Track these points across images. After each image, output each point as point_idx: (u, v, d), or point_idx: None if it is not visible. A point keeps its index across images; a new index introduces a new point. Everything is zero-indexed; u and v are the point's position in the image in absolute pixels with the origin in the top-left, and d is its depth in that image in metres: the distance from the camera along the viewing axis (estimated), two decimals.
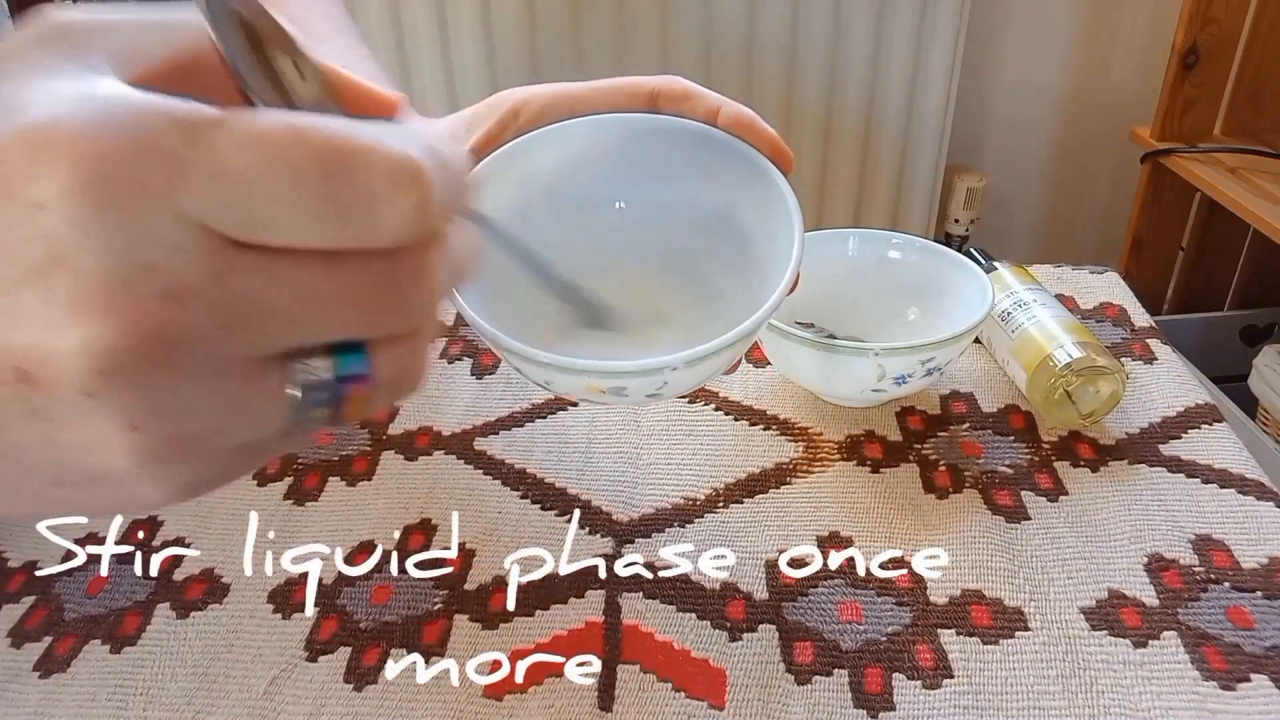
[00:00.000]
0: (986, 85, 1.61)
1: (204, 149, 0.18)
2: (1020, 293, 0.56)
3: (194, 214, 0.18)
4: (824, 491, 0.49)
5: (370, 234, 0.19)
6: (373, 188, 0.19)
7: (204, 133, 0.18)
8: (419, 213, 0.20)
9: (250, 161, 0.18)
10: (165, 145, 0.18)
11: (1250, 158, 1.33)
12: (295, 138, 0.18)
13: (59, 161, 0.17)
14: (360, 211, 0.19)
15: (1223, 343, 1.47)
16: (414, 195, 0.19)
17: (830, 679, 0.39)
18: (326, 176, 0.19)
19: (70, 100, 0.18)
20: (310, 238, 0.19)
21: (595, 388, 0.36)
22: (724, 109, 0.40)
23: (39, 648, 0.42)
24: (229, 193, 0.18)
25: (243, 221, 0.18)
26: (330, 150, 0.19)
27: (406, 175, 0.19)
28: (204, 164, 0.18)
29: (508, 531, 0.47)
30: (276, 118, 0.19)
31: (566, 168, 0.42)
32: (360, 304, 0.20)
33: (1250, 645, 0.40)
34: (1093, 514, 0.47)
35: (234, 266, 0.18)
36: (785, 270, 0.36)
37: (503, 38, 1.42)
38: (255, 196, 0.18)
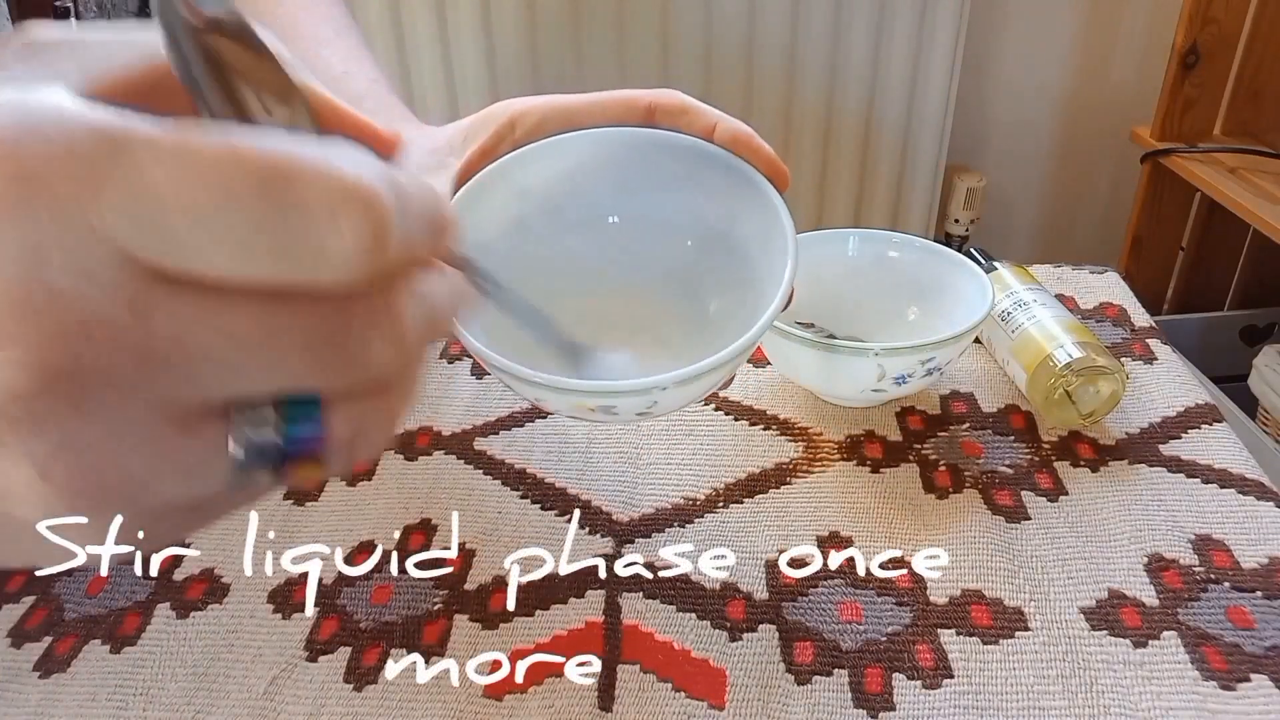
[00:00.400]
0: (986, 85, 1.61)
1: (130, 165, 0.16)
2: (1020, 293, 0.56)
3: (110, 235, 0.16)
4: (824, 491, 0.49)
5: (311, 267, 0.17)
6: (314, 214, 0.16)
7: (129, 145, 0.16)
8: (371, 245, 0.17)
9: (175, 178, 0.16)
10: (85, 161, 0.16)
11: (1250, 158, 1.33)
12: (227, 154, 0.16)
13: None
14: (299, 240, 0.17)
15: (1223, 343, 1.47)
16: (364, 223, 0.17)
17: (830, 679, 0.39)
18: (260, 198, 0.16)
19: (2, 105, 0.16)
20: (243, 269, 0.17)
21: (584, 406, 0.36)
22: (720, 124, 0.40)
23: (39, 648, 0.42)
24: (150, 214, 0.16)
25: (165, 248, 0.16)
26: (266, 168, 0.16)
27: (355, 199, 0.17)
28: (127, 182, 0.16)
29: (508, 531, 0.47)
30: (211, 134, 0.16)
31: (562, 182, 0.42)
32: (305, 353, 0.18)
33: (1250, 645, 0.40)
34: (1093, 514, 0.47)
35: (154, 300, 0.16)
36: (778, 288, 0.36)
37: (503, 38, 1.42)
38: (178, 218, 0.16)
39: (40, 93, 0.17)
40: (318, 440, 0.19)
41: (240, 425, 0.18)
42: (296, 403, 0.18)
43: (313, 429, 0.18)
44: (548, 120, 0.41)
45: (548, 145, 0.41)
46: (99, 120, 0.16)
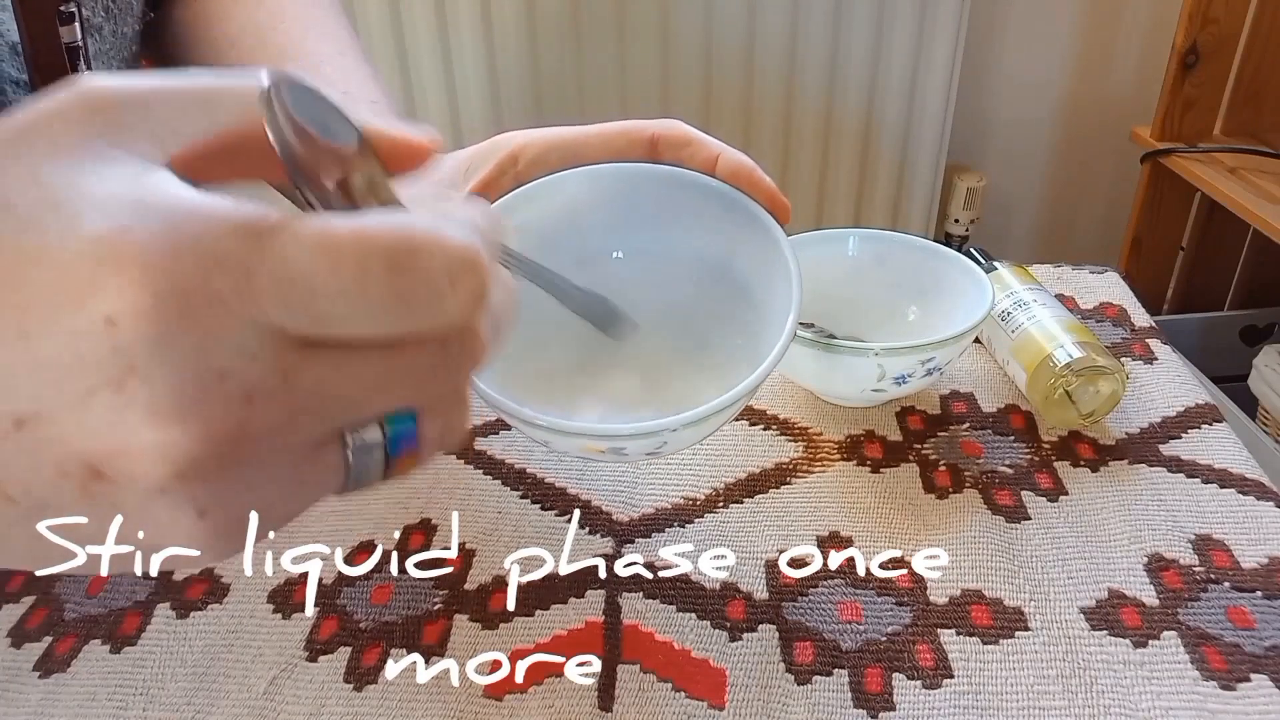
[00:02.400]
0: (986, 85, 1.61)
1: (272, 256, 0.18)
2: (1020, 293, 0.56)
3: (264, 321, 0.18)
4: (824, 491, 0.49)
5: (433, 323, 0.20)
6: (436, 280, 0.19)
7: (270, 240, 0.18)
8: (479, 298, 0.20)
9: (318, 266, 0.18)
10: (234, 256, 0.18)
11: (1250, 158, 1.33)
12: (359, 239, 0.19)
13: (128, 276, 0.17)
14: (424, 304, 0.19)
15: (1223, 343, 1.47)
16: (474, 282, 0.20)
17: (830, 679, 0.39)
18: (392, 273, 0.19)
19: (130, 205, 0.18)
20: (376, 329, 0.19)
21: (593, 448, 0.36)
22: (722, 157, 0.40)
23: (39, 648, 0.42)
24: (298, 298, 0.18)
25: (312, 323, 0.19)
26: (394, 248, 0.19)
27: (467, 264, 0.20)
28: (273, 272, 0.18)
29: (508, 531, 0.47)
30: (337, 220, 0.19)
31: (563, 219, 0.42)
32: (416, 383, 0.21)
33: (1250, 645, 0.40)
34: (1093, 514, 0.47)
35: (301, 364, 0.19)
36: (783, 325, 0.36)
37: (503, 39, 1.42)
38: (323, 298, 0.18)
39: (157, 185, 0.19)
40: (414, 443, 0.22)
41: (352, 443, 0.21)
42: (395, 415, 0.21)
43: (410, 435, 0.22)
44: (550, 153, 0.41)
45: (548, 183, 0.41)
46: (234, 216, 0.18)
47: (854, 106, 1.50)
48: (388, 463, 0.22)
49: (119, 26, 0.50)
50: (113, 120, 0.20)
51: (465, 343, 0.21)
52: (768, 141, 1.49)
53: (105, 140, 0.19)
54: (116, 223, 0.18)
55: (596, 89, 1.47)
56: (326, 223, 0.19)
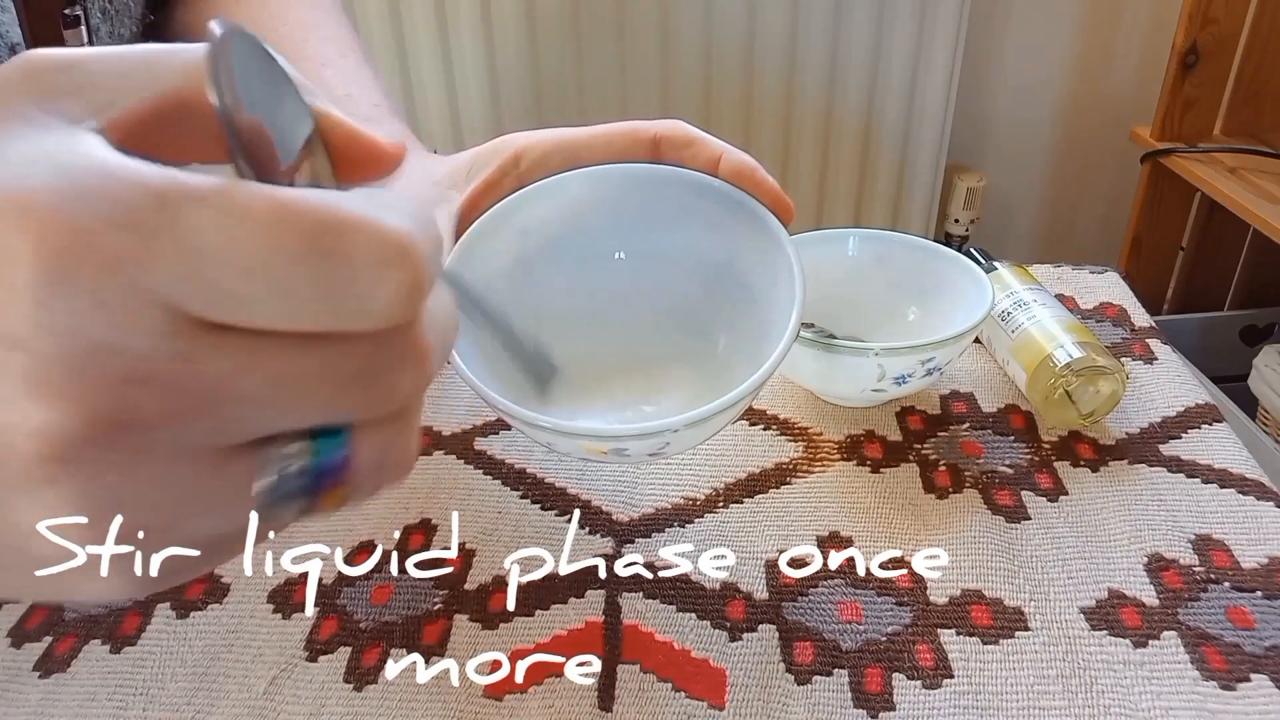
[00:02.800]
0: (986, 85, 1.61)
1: (179, 224, 0.16)
2: (1020, 293, 0.56)
3: (163, 293, 0.16)
4: (824, 491, 0.49)
5: (357, 316, 0.18)
6: (361, 267, 0.17)
7: (181, 207, 0.16)
8: (410, 293, 0.18)
9: (229, 239, 0.16)
10: (134, 217, 0.16)
11: (1250, 158, 1.33)
12: (276, 211, 0.17)
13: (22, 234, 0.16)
14: (347, 293, 0.17)
15: (1223, 343, 1.47)
16: (406, 274, 0.18)
17: (830, 679, 0.39)
18: (310, 254, 0.17)
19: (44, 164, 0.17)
20: (289, 320, 0.17)
21: (596, 449, 0.36)
22: (725, 157, 0.40)
23: (39, 648, 0.42)
24: (202, 272, 0.16)
25: (215, 302, 0.17)
26: (315, 225, 0.17)
27: (397, 253, 0.18)
28: (176, 239, 0.16)
29: (508, 531, 0.47)
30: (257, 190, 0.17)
31: (566, 220, 0.42)
32: (341, 388, 0.18)
33: (1250, 645, 0.40)
34: (1093, 514, 0.47)
35: (201, 349, 0.17)
36: (786, 324, 0.36)
37: (503, 39, 1.42)
38: (230, 276, 0.16)
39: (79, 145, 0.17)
40: (345, 469, 0.19)
41: (270, 459, 0.18)
42: (324, 433, 0.19)
43: (340, 458, 0.19)
44: (551, 155, 0.41)
45: (550, 184, 0.41)
46: (145, 177, 0.17)
47: (854, 106, 1.50)
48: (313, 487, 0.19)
49: (116, 28, 0.50)
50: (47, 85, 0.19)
51: (402, 347, 0.19)
52: (768, 141, 1.49)
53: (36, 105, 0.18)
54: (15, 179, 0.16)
55: (596, 89, 1.47)
56: (242, 189, 0.17)
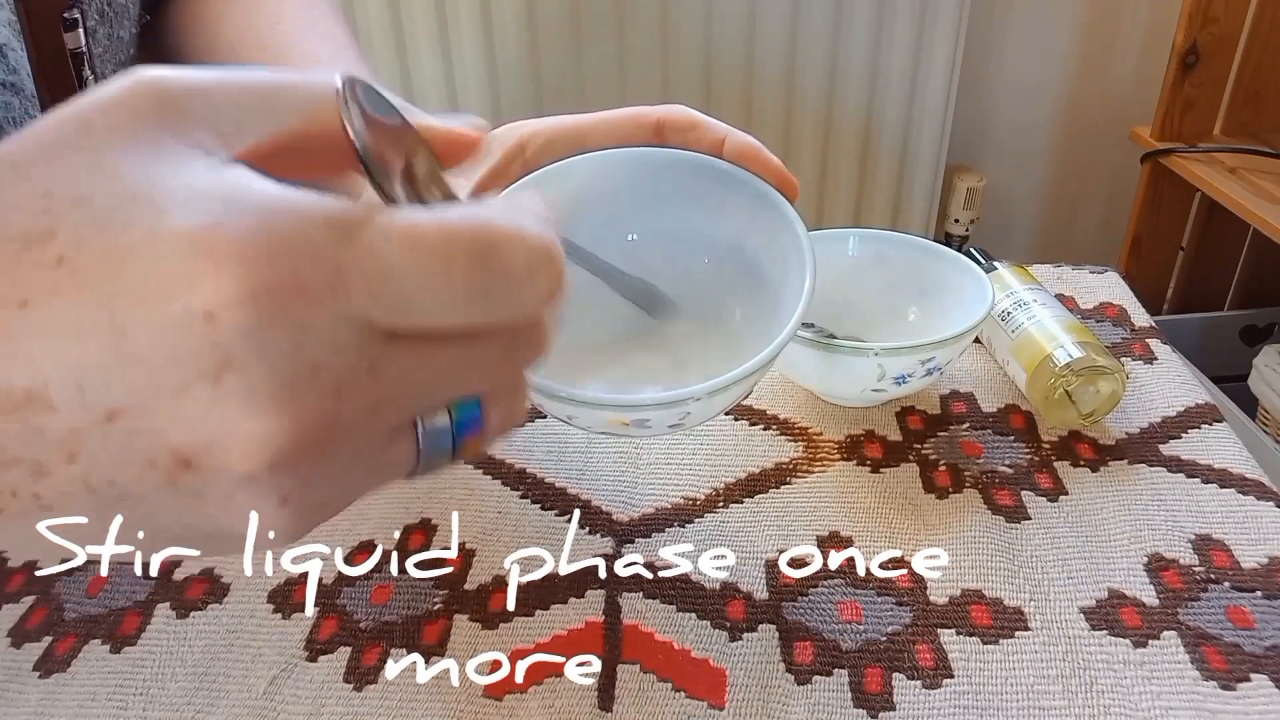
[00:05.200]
0: (986, 85, 1.61)
1: (362, 251, 0.19)
2: (1020, 293, 0.56)
3: (356, 314, 0.19)
4: (824, 491, 0.49)
5: (512, 314, 0.21)
6: (517, 273, 0.20)
7: (359, 234, 0.19)
8: (555, 291, 0.21)
9: (405, 259, 0.19)
10: (326, 250, 0.18)
11: (1250, 158, 1.33)
12: (445, 233, 0.19)
13: (225, 271, 0.17)
14: (505, 295, 0.20)
15: (1223, 343, 1.47)
16: (551, 275, 0.21)
17: (830, 679, 0.39)
18: (475, 266, 0.20)
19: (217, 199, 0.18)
20: (458, 321, 0.20)
21: (618, 421, 0.37)
22: (729, 139, 0.40)
23: (39, 648, 0.42)
24: (388, 291, 0.19)
25: (399, 315, 0.19)
26: (477, 242, 0.20)
27: (545, 258, 0.21)
28: (363, 265, 0.19)
29: (508, 531, 0.47)
30: (423, 215, 0.20)
31: (572, 205, 0.42)
32: (487, 372, 0.22)
33: (1250, 645, 0.40)
34: (1093, 514, 0.47)
35: (387, 355, 0.19)
36: (798, 297, 0.36)
37: (503, 38, 1.42)
38: (411, 291, 0.19)
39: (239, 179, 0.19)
40: (478, 428, 0.23)
41: (422, 428, 0.22)
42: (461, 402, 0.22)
43: (474, 421, 0.22)
44: (556, 141, 0.41)
45: (556, 169, 0.41)
46: (323, 209, 0.19)
47: (854, 106, 1.50)
48: (454, 447, 0.22)
49: (115, 30, 0.50)
50: (178, 112, 0.20)
51: (533, 334, 0.22)
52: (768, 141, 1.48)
53: (170, 133, 0.19)
54: (208, 217, 0.18)
55: (596, 89, 1.47)
56: (412, 216, 0.19)
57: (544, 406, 0.37)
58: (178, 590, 0.45)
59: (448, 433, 0.22)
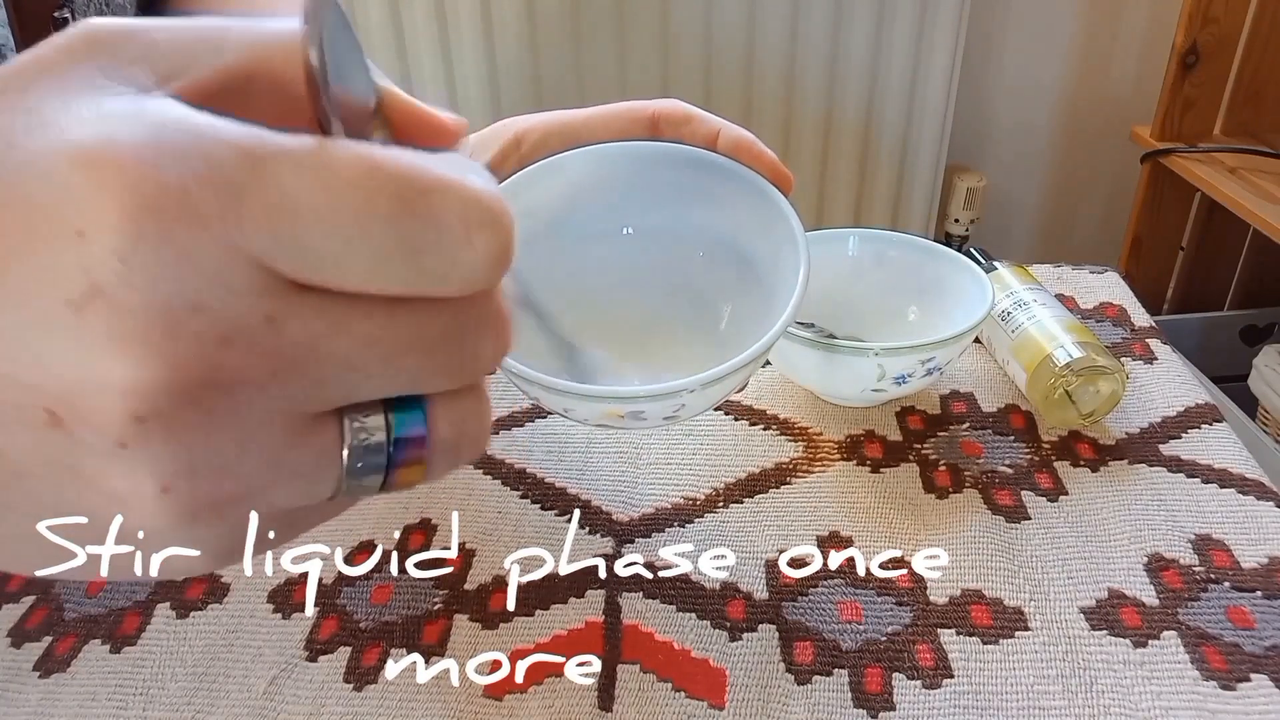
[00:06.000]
0: (986, 85, 1.61)
1: (267, 180, 0.16)
2: (1020, 293, 0.56)
3: (251, 250, 0.16)
4: (824, 491, 0.49)
5: (444, 279, 0.18)
6: (451, 228, 0.17)
7: (268, 163, 0.16)
8: (497, 257, 0.18)
9: (317, 196, 0.16)
10: (225, 175, 0.16)
11: (1250, 158, 1.33)
12: (368, 171, 0.17)
13: (106, 186, 0.15)
14: (435, 254, 0.17)
15: (1223, 343, 1.47)
16: (495, 237, 0.18)
17: (830, 679, 0.39)
18: (401, 214, 0.17)
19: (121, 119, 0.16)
20: (378, 281, 0.17)
21: (613, 413, 0.37)
22: (724, 132, 0.40)
23: (39, 648, 0.42)
24: (291, 229, 0.16)
25: (305, 261, 0.17)
26: (406, 185, 0.17)
27: (488, 215, 0.18)
28: (266, 197, 0.16)
29: (508, 531, 0.47)
30: (348, 149, 0.17)
31: (568, 199, 0.42)
32: (424, 354, 0.18)
33: (1250, 645, 0.40)
34: (1093, 514, 0.47)
35: (290, 309, 0.17)
36: (792, 290, 0.37)
37: (503, 38, 1.42)
38: (320, 234, 0.16)
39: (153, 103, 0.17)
40: (423, 441, 0.19)
41: (351, 430, 0.18)
42: (403, 406, 0.19)
43: (418, 430, 0.19)
44: (552, 136, 0.41)
45: (552, 164, 0.41)
46: (234, 135, 0.16)
47: (854, 106, 1.50)
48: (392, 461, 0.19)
49: None
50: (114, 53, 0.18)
51: (483, 314, 0.19)
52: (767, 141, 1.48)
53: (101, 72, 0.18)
54: (100, 133, 0.16)
55: (596, 90, 1.47)
56: (335, 149, 0.17)
57: (540, 399, 0.37)
58: (178, 590, 0.45)
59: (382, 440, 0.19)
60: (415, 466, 0.19)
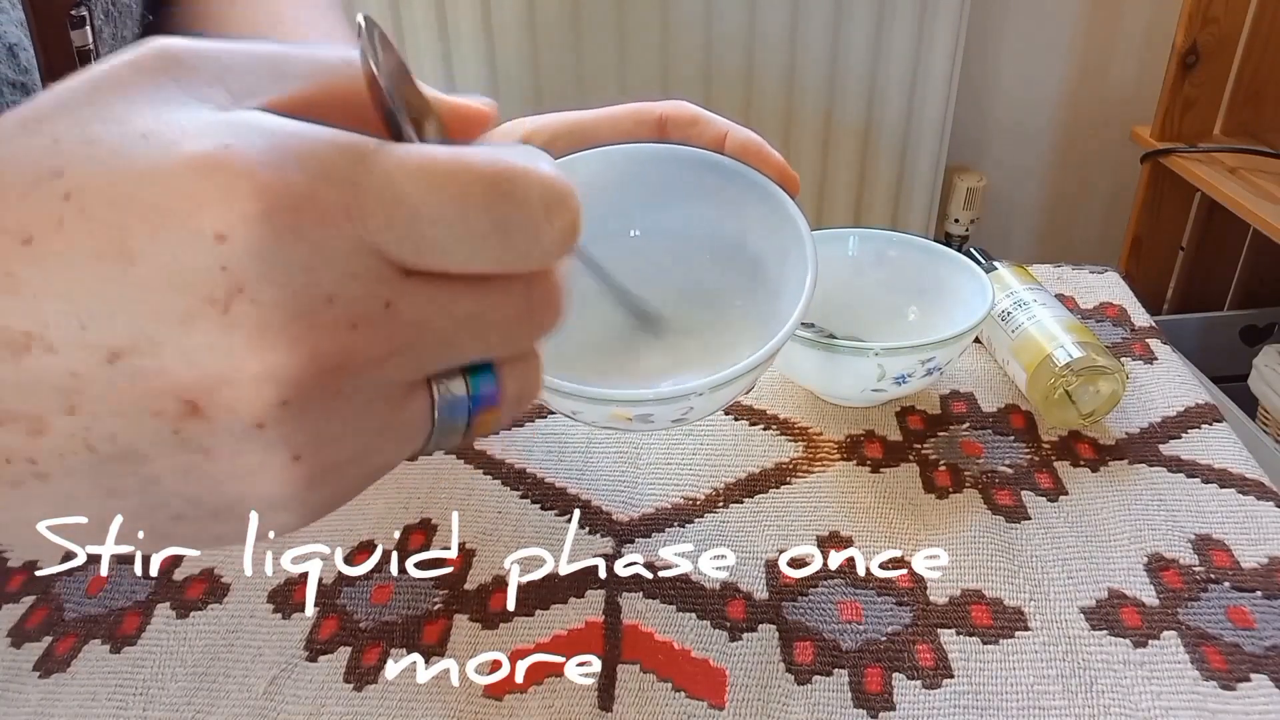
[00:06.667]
0: (986, 85, 1.61)
1: (379, 177, 0.18)
2: (1020, 293, 0.56)
3: (372, 241, 0.18)
4: (824, 491, 0.49)
5: (528, 256, 0.20)
6: (534, 210, 0.20)
7: (376, 160, 0.18)
8: (572, 233, 0.20)
9: (423, 189, 0.18)
10: (342, 173, 0.18)
11: (1250, 158, 1.33)
12: (461, 164, 0.19)
13: (237, 190, 0.16)
14: (522, 234, 0.19)
15: (1223, 343, 1.47)
16: (568, 216, 0.20)
17: (830, 679, 0.39)
18: (492, 200, 0.19)
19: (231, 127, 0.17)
20: (477, 261, 0.19)
21: (621, 416, 0.37)
22: (731, 134, 0.40)
23: (39, 648, 0.42)
24: (403, 218, 0.18)
25: (417, 247, 0.18)
26: (494, 175, 0.19)
27: (561, 197, 0.20)
28: (379, 190, 0.18)
29: (508, 531, 0.47)
30: (437, 147, 0.19)
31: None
32: (504, 326, 0.21)
33: (1250, 645, 0.40)
34: (1093, 514, 0.47)
35: (404, 294, 0.18)
36: (799, 292, 0.37)
37: (503, 38, 1.42)
38: (427, 222, 0.18)
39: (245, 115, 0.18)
40: (494, 399, 0.22)
41: (439, 394, 0.21)
42: (474, 369, 0.21)
43: (490, 390, 0.22)
44: (559, 138, 0.41)
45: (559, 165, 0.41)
46: (342, 138, 0.18)
47: (854, 106, 1.50)
48: (469, 419, 0.22)
49: (119, 30, 0.50)
50: (187, 71, 0.19)
51: (547, 291, 0.21)
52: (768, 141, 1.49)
53: (179, 87, 0.19)
54: (218, 140, 0.17)
55: (596, 90, 1.47)
56: (428, 148, 0.19)
57: (548, 402, 0.37)
58: (178, 590, 0.45)
59: (464, 402, 0.21)
60: (489, 418, 0.22)
